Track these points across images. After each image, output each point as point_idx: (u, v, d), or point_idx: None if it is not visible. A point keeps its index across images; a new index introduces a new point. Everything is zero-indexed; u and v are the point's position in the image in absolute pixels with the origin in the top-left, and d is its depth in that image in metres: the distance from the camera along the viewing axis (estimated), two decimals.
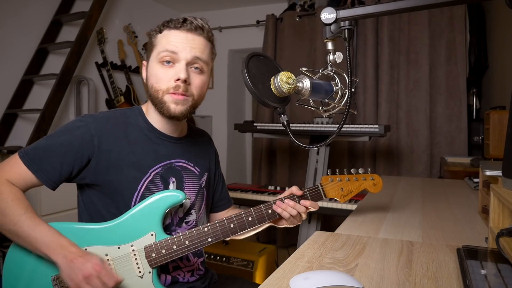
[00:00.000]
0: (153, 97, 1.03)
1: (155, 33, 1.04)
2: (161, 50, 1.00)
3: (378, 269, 0.80)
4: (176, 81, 0.99)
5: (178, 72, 0.99)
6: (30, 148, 0.99)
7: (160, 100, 1.01)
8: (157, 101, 1.02)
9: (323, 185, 1.11)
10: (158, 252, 0.97)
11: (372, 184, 1.16)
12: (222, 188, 1.30)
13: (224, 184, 1.32)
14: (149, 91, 1.04)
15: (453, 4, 0.77)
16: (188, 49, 1.00)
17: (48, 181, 0.98)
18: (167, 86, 1.00)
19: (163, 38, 1.02)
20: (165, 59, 1.00)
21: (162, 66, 1.01)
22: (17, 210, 0.93)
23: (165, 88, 1.01)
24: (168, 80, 1.00)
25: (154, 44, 1.03)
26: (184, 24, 1.01)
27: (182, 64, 1.00)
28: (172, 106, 1.01)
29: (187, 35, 1.01)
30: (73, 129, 1.00)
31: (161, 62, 1.00)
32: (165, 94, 1.01)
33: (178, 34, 1.01)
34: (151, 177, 1.04)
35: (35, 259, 0.97)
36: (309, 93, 0.87)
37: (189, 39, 1.01)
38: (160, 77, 1.01)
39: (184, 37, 1.01)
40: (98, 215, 1.03)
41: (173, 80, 1.00)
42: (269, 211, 1.04)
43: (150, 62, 1.04)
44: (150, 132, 1.07)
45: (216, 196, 1.28)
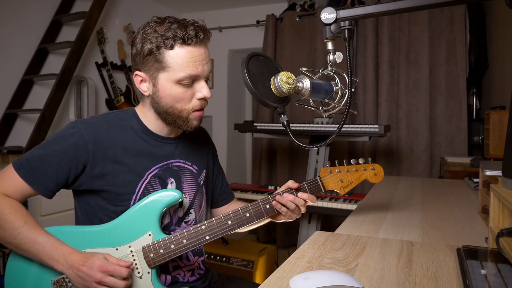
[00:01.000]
0: (173, 115, 1.00)
1: (162, 49, 0.94)
2: (181, 74, 0.95)
3: (378, 269, 0.80)
4: (200, 99, 1.00)
5: (202, 91, 0.99)
6: (25, 159, 0.98)
7: (185, 119, 1.01)
8: (180, 120, 1.01)
9: (322, 177, 1.08)
10: (156, 252, 0.97)
11: (373, 174, 1.12)
12: (222, 182, 1.29)
13: (224, 178, 1.31)
14: (165, 108, 1.00)
15: (453, 4, 0.77)
16: (206, 65, 0.99)
17: (45, 191, 0.98)
18: (192, 105, 1.00)
19: (178, 58, 0.94)
20: (186, 82, 0.96)
21: (182, 87, 0.97)
22: (16, 222, 0.93)
23: (190, 107, 1.00)
24: (190, 99, 0.99)
25: (166, 64, 0.95)
26: (196, 38, 0.95)
27: (202, 82, 0.99)
28: (195, 122, 1.03)
29: (200, 49, 0.96)
30: (66, 136, 0.98)
31: (180, 83, 0.97)
32: (191, 112, 1.01)
33: (194, 52, 0.95)
34: (148, 179, 1.04)
35: (35, 266, 0.98)
36: (309, 93, 0.87)
37: (202, 54, 0.97)
38: (182, 97, 0.98)
39: (199, 53, 0.96)
40: (96, 219, 1.03)
41: (195, 99, 1.00)
42: (267, 206, 1.03)
43: (163, 81, 0.97)
44: (145, 135, 1.06)
45: (216, 190, 1.26)
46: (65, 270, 0.92)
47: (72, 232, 0.99)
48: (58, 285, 0.96)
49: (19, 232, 0.93)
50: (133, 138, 1.04)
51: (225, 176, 1.32)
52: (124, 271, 0.91)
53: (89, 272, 0.89)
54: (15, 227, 0.93)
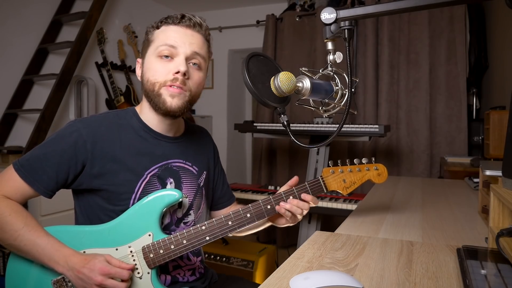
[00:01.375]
0: (148, 91, 1.01)
1: (152, 29, 1.04)
2: (159, 45, 1.00)
3: (378, 269, 0.80)
4: (175, 74, 0.99)
5: (177, 65, 0.99)
6: (25, 159, 0.98)
7: (156, 93, 1.00)
8: (152, 94, 1.01)
9: (324, 178, 1.06)
10: (156, 252, 0.97)
11: (376, 174, 1.10)
12: (223, 184, 1.28)
13: (225, 181, 1.30)
14: (145, 85, 1.03)
15: (453, 4, 0.77)
16: (188, 44, 1.00)
17: (45, 191, 0.98)
18: (165, 79, 0.99)
19: (161, 34, 1.01)
20: (163, 53, 0.99)
21: (160, 60, 1.00)
22: (16, 224, 0.93)
23: (162, 80, 0.99)
24: (166, 73, 0.99)
25: (151, 40, 1.03)
26: (183, 20, 1.02)
27: (181, 57, 1.00)
28: (168, 99, 0.99)
29: (186, 30, 1.01)
30: (65, 136, 0.98)
31: (159, 57, 1.00)
32: (161, 86, 0.99)
33: (177, 30, 1.01)
34: (147, 179, 1.03)
35: (36, 266, 0.98)
36: (309, 93, 0.87)
37: (188, 35, 1.01)
38: (157, 70, 1.00)
39: (183, 32, 1.01)
40: (96, 219, 1.03)
41: (171, 73, 0.99)
42: (268, 207, 1.02)
43: (147, 57, 1.03)
44: (145, 133, 1.06)
45: (216, 193, 1.26)
46: (66, 272, 0.92)
47: (72, 231, 0.99)
48: (58, 285, 0.96)
49: (19, 234, 0.93)
50: (132, 137, 1.04)
51: (226, 179, 1.31)
52: (125, 273, 0.91)
53: (89, 274, 0.89)
54: (15, 229, 0.93)
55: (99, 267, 0.89)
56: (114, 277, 0.90)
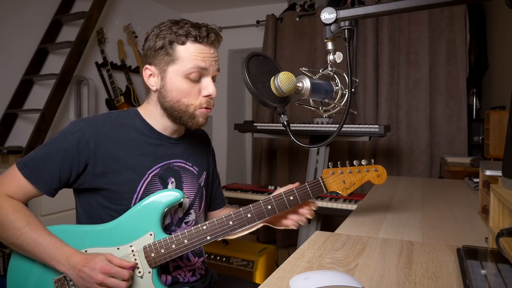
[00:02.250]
0: (179, 111, 1.02)
1: (174, 44, 0.98)
2: (189, 66, 0.98)
3: (378, 269, 0.80)
4: (206, 96, 1.01)
5: (209, 89, 1.01)
6: (28, 158, 0.98)
7: (191, 115, 1.02)
8: (186, 115, 1.02)
9: (324, 179, 1.07)
10: (157, 251, 0.97)
11: (375, 175, 1.11)
12: (218, 187, 1.31)
13: (219, 183, 1.33)
14: (172, 103, 1.01)
15: (453, 4, 0.77)
16: (213, 63, 1.02)
17: (48, 190, 0.98)
18: (199, 101, 1.02)
19: (188, 52, 0.98)
20: (193, 76, 0.99)
21: (189, 81, 1.00)
22: (19, 223, 0.93)
23: (197, 103, 1.01)
24: (197, 94, 1.01)
25: (176, 57, 0.99)
26: (208, 38, 1.00)
27: (209, 80, 1.01)
28: (201, 119, 1.03)
29: (210, 49, 1.01)
30: (68, 135, 0.99)
31: (188, 77, 0.99)
32: (197, 109, 1.02)
33: (204, 49, 1.00)
34: (149, 178, 1.04)
35: (37, 266, 0.98)
36: (309, 93, 0.87)
37: (212, 53, 1.01)
38: (189, 92, 1.00)
39: (208, 51, 1.00)
40: (98, 218, 1.03)
41: (202, 96, 1.01)
42: (269, 207, 1.02)
43: (171, 75, 1.00)
44: (147, 133, 1.06)
45: (212, 194, 1.28)
46: (67, 271, 0.93)
47: (74, 231, 0.99)
48: (59, 283, 0.96)
49: (22, 233, 0.93)
50: (134, 137, 1.05)
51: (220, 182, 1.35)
52: (125, 273, 0.92)
53: (90, 273, 0.90)
54: (17, 227, 0.93)
55: (100, 265, 0.90)
56: (115, 277, 0.91)
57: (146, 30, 3.88)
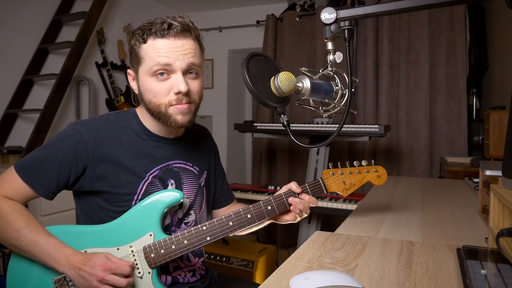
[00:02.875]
0: (155, 112, 0.99)
1: (138, 44, 0.96)
2: (152, 64, 0.94)
3: (378, 269, 0.80)
4: (176, 93, 0.96)
5: (177, 85, 0.95)
6: (26, 161, 0.98)
7: (165, 114, 0.98)
8: (160, 115, 0.98)
9: (324, 179, 1.07)
10: (157, 252, 0.97)
11: (376, 176, 1.11)
12: (223, 184, 1.28)
13: (225, 179, 1.30)
14: (147, 105, 0.99)
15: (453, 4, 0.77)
16: (181, 57, 0.95)
17: (46, 193, 0.98)
18: (168, 99, 0.97)
19: (150, 49, 0.95)
20: (158, 72, 0.95)
21: (157, 79, 0.96)
22: (18, 224, 0.93)
23: (166, 101, 0.97)
24: (166, 93, 0.96)
25: (141, 56, 0.96)
26: (169, 31, 0.94)
27: (178, 75, 0.95)
28: (178, 117, 0.98)
29: (175, 42, 0.94)
30: (66, 138, 0.98)
31: (155, 76, 0.96)
32: (168, 106, 0.97)
33: (166, 43, 0.94)
34: (149, 180, 1.03)
35: (37, 266, 0.98)
36: (309, 93, 0.87)
37: (178, 46, 0.94)
38: (158, 91, 0.96)
39: (173, 44, 0.94)
40: (98, 219, 1.03)
41: (172, 93, 0.96)
42: (268, 208, 1.02)
43: (141, 76, 0.98)
44: (145, 136, 1.06)
45: (216, 192, 1.26)
46: (67, 271, 0.92)
47: (73, 231, 0.99)
48: (59, 284, 0.96)
49: (21, 234, 0.93)
50: (133, 139, 1.04)
51: (226, 178, 1.31)
52: (126, 268, 0.92)
53: (91, 271, 0.89)
54: (17, 229, 0.93)
55: (100, 263, 0.90)
56: (115, 273, 0.90)
57: None
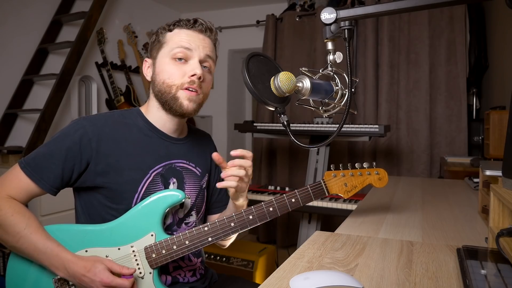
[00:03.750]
0: (164, 93, 1.02)
1: (164, 31, 1.05)
2: (174, 47, 1.02)
3: (378, 269, 0.80)
4: (191, 76, 1.01)
5: (194, 68, 1.01)
6: (30, 158, 0.98)
7: (173, 96, 1.02)
8: (168, 97, 1.02)
9: (326, 181, 1.08)
10: (158, 252, 0.97)
11: (377, 178, 1.12)
12: (220, 191, 1.26)
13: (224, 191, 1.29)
14: (159, 87, 1.03)
15: (453, 4, 0.77)
16: (201, 47, 1.03)
17: (51, 189, 0.98)
18: (182, 81, 1.01)
19: (174, 36, 1.03)
20: (178, 55, 1.01)
21: (175, 62, 1.02)
22: (18, 226, 0.93)
23: (179, 83, 1.01)
24: (182, 75, 1.01)
25: (164, 41, 1.04)
26: (196, 25, 1.04)
27: (196, 61, 1.02)
28: (185, 102, 1.02)
29: (198, 35, 1.04)
30: (71, 133, 0.99)
31: (174, 59, 1.02)
32: (179, 89, 1.02)
33: (191, 33, 1.03)
34: (151, 177, 1.04)
35: (36, 266, 0.98)
36: (309, 93, 0.87)
37: (200, 39, 1.04)
38: (173, 72, 1.01)
39: (196, 36, 1.04)
40: (98, 218, 1.03)
41: (187, 76, 1.01)
42: (270, 209, 1.02)
43: (160, 59, 1.04)
44: (150, 132, 1.07)
45: (213, 197, 1.25)
46: (67, 277, 0.93)
47: (74, 230, 0.99)
48: (59, 283, 0.96)
49: (21, 236, 0.93)
50: (137, 136, 1.05)
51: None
52: (127, 284, 0.91)
53: (91, 284, 0.90)
54: (17, 230, 0.93)
55: (100, 278, 0.89)
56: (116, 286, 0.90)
57: (146, 30, 3.89)
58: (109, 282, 0.89)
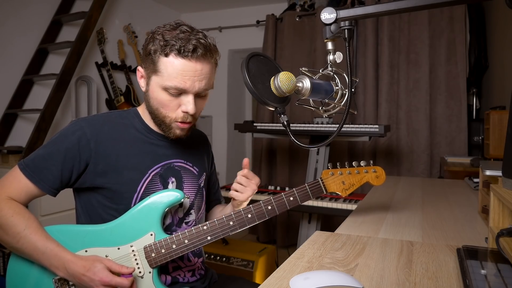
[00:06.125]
0: (158, 119, 1.02)
1: (159, 54, 0.94)
2: (167, 83, 0.94)
3: (378, 269, 0.80)
4: (184, 112, 0.99)
5: (187, 105, 0.97)
6: (30, 159, 0.98)
7: (167, 125, 1.01)
8: (162, 124, 1.02)
9: (324, 179, 1.08)
10: (157, 252, 0.97)
11: (374, 176, 1.13)
12: (217, 189, 1.32)
13: (218, 185, 1.34)
14: (153, 109, 1.01)
15: (453, 4, 0.77)
16: (197, 82, 0.96)
17: (50, 190, 0.98)
18: (175, 115, 0.99)
19: (169, 66, 0.94)
20: (171, 91, 0.96)
21: (168, 94, 0.97)
22: (18, 226, 0.93)
23: (173, 117, 1.00)
24: (175, 109, 0.99)
25: (158, 67, 0.95)
26: (194, 53, 0.93)
27: (190, 97, 0.97)
28: (178, 131, 1.02)
29: (195, 65, 0.94)
30: (69, 134, 0.99)
31: (167, 91, 0.96)
32: (172, 121, 1.00)
33: (188, 66, 0.93)
34: (150, 177, 1.04)
35: (36, 266, 0.98)
36: (309, 93, 0.87)
37: (197, 70, 0.95)
38: (166, 104, 0.98)
39: (192, 68, 0.94)
40: (98, 218, 1.03)
41: (180, 110, 0.99)
42: (269, 208, 1.03)
43: (153, 84, 0.98)
44: (147, 133, 1.07)
45: (210, 196, 1.29)
46: (67, 277, 0.93)
47: (74, 231, 0.99)
48: (59, 283, 0.96)
49: (21, 236, 0.93)
50: (135, 136, 1.05)
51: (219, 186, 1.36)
52: (126, 283, 0.91)
53: (91, 283, 0.90)
54: (17, 231, 0.93)
55: (100, 277, 0.89)
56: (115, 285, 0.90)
57: (146, 30, 3.89)
58: (109, 281, 0.89)
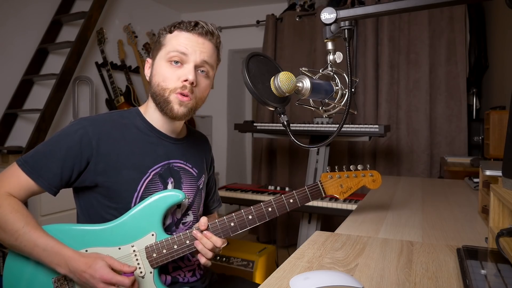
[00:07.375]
0: (158, 95, 1.03)
1: (164, 32, 1.05)
2: (170, 50, 1.01)
3: (378, 269, 0.80)
4: (183, 81, 1.00)
5: (186, 73, 1.00)
6: (29, 155, 0.98)
7: (166, 99, 1.02)
8: (161, 99, 1.02)
9: (323, 182, 1.11)
10: (159, 252, 0.97)
11: (371, 180, 1.16)
12: (214, 193, 1.31)
13: (216, 189, 1.33)
14: (154, 88, 1.04)
15: (453, 4, 0.77)
16: (198, 52, 1.02)
17: (50, 187, 0.98)
18: (175, 85, 1.01)
19: (173, 39, 1.02)
20: (174, 59, 1.01)
21: (170, 66, 1.01)
22: (17, 224, 0.92)
23: (172, 87, 1.01)
24: (175, 79, 1.01)
25: (163, 43, 1.04)
26: (196, 28, 1.02)
27: (190, 65, 1.01)
28: (175, 107, 1.02)
29: (197, 38, 1.02)
30: (71, 133, 0.99)
31: (170, 62, 1.01)
32: (172, 93, 1.01)
33: (189, 37, 1.02)
34: (150, 177, 1.04)
35: (33, 265, 0.97)
36: (309, 93, 0.87)
37: (199, 43, 1.02)
38: (168, 76, 1.01)
39: (194, 40, 1.02)
40: (98, 217, 1.03)
41: (180, 81, 1.01)
42: (269, 209, 1.04)
43: (157, 60, 1.04)
44: (149, 132, 1.07)
45: (208, 198, 1.28)
46: (68, 274, 0.92)
47: (75, 230, 0.99)
48: (59, 283, 0.96)
49: (20, 234, 0.92)
50: (136, 136, 1.05)
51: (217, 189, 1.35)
52: (127, 282, 0.90)
53: (91, 280, 0.89)
54: (15, 228, 0.92)
55: (101, 274, 0.89)
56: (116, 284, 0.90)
57: (146, 30, 3.89)
58: (109, 279, 0.89)
